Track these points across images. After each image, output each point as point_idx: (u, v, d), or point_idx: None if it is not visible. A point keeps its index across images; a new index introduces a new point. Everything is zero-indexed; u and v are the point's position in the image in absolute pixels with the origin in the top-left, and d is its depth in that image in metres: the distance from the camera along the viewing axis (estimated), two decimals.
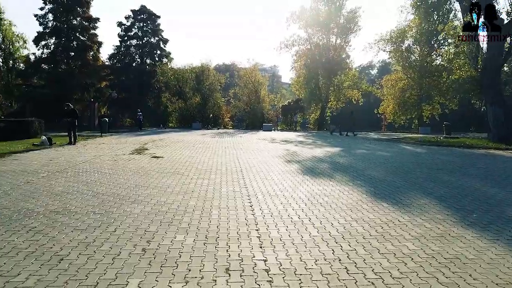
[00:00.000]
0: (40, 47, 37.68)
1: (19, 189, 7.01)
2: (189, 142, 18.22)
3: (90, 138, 20.09)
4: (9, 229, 4.68)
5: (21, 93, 37.73)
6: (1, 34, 37.63)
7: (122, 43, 44.40)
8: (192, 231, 4.73)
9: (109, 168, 9.64)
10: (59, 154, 12.48)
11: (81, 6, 38.47)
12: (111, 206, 5.86)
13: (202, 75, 42.43)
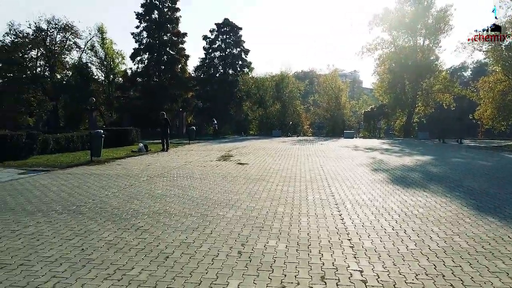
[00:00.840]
0: (136, 62, 41.52)
1: (125, 191, 7.77)
2: (271, 149, 18.52)
3: (179, 145, 21.49)
4: (120, 227, 5.21)
5: (120, 104, 41.84)
6: (104, 52, 42.21)
7: (206, 55, 46.94)
8: (283, 237, 4.81)
9: (200, 174, 10.22)
10: (155, 160, 13.56)
11: (171, 23, 41.60)
12: (205, 210, 6.21)
13: (281, 83, 42.98)
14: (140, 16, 40.97)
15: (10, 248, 4.33)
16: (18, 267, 3.81)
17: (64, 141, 16.05)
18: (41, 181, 8.80)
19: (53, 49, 40.98)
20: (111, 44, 42.47)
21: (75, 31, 40.98)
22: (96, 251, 4.29)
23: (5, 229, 5.05)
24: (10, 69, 39.71)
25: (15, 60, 38.98)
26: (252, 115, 45.14)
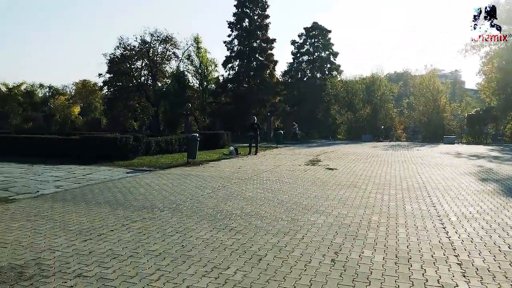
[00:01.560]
0: (227, 69, 43.45)
1: (218, 192, 8.11)
2: (361, 155, 17.82)
3: (267, 149, 21.86)
4: (215, 227, 5.43)
5: (212, 110, 44.14)
6: (199, 60, 44.97)
7: (294, 60, 47.12)
8: (380, 248, 4.54)
9: (289, 178, 10.23)
10: (245, 163, 13.97)
11: (260, 30, 42.69)
12: (295, 214, 6.17)
13: (372, 85, 41.19)
14: (231, 25, 42.82)
15: (121, 241, 4.78)
16: (128, 258, 4.19)
17: (164, 143, 17.41)
18: (145, 180, 9.64)
19: (155, 60, 44.89)
20: (205, 53, 45.07)
21: (174, 42, 44.37)
22: (195, 248, 4.52)
23: (116, 223, 5.61)
24: (119, 79, 44.62)
25: (124, 70, 43.65)
26: (340, 119, 44.02)
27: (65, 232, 5.10)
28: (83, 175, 10.35)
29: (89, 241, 4.74)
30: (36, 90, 58.76)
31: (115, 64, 43.25)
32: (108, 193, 7.91)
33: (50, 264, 3.96)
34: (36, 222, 5.61)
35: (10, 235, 4.94)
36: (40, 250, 4.39)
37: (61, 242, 4.70)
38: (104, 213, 6.16)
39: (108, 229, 5.27)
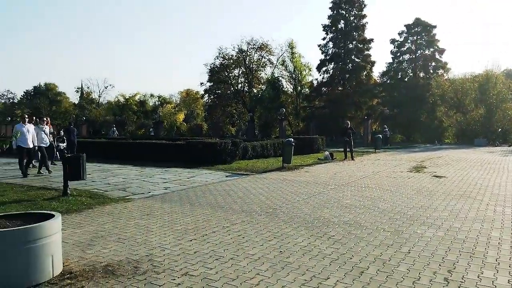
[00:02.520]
0: (321, 72, 43.04)
1: (314, 198, 7.98)
2: (474, 161, 15.99)
3: (364, 154, 20.96)
4: (313, 234, 5.32)
5: (306, 114, 44.03)
6: (293, 65, 45.31)
7: (394, 60, 44.55)
8: (503, 269, 3.96)
9: (389, 185, 9.63)
10: (341, 169, 13.57)
11: (357, 30, 41.37)
12: (399, 225, 5.75)
13: (487, 84, 36.81)
14: (326, 28, 42.31)
15: (222, 242, 4.97)
16: (229, 260, 4.32)
17: (259, 148, 17.86)
18: (243, 184, 9.95)
19: (251, 67, 46.54)
20: (299, 58, 45.25)
21: (269, 49, 45.51)
22: (293, 255, 4.47)
23: (218, 225, 5.86)
24: (218, 87, 47.32)
25: (222, 79, 46.14)
26: (448, 121, 40.24)
27: (173, 231, 5.48)
28: (187, 178, 11.11)
29: (194, 241, 5.02)
30: (148, 99, 65.29)
31: (214, 73, 45.98)
32: (209, 195, 8.35)
33: (161, 261, 4.28)
34: (148, 220, 6.15)
35: (127, 232, 5.48)
36: (152, 247, 4.78)
37: (169, 240, 5.06)
38: (207, 215, 6.50)
39: (211, 230, 5.52)
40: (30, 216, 4.10)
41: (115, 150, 17.85)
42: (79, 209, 6.96)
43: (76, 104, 75.14)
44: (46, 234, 3.64)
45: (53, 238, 3.74)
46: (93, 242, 5.01)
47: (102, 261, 4.29)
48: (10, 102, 76.79)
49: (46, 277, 3.65)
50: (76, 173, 8.09)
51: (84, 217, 6.43)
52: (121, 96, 61.93)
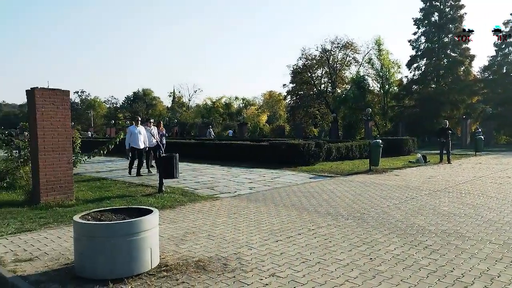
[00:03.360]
0: (412, 69, 40.24)
1: (407, 204, 7.46)
2: None
3: (463, 157, 19.12)
4: (406, 243, 4.96)
5: (394, 114, 41.63)
6: (380, 63, 43.18)
7: (498, 52, 39.95)
8: None
9: (496, 192, 8.62)
10: (436, 173, 12.53)
11: (453, 22, 37.93)
12: (509, 238, 5.08)
13: None
14: (417, 21, 39.52)
15: (308, 245, 4.89)
16: (316, 264, 4.22)
17: (344, 149, 17.33)
18: (327, 186, 9.73)
19: (335, 66, 45.53)
20: (387, 54, 42.95)
21: (354, 47, 44.06)
22: (384, 263, 4.21)
23: (303, 227, 5.78)
24: (301, 88, 47.16)
25: (305, 79, 45.88)
26: None
27: (259, 231, 5.55)
28: (271, 178, 11.21)
29: (279, 242, 5.02)
30: (232, 102, 67.78)
31: (297, 74, 45.94)
32: (293, 197, 8.31)
33: (248, 260, 4.35)
34: (236, 219, 6.32)
35: (216, 229, 5.69)
36: (240, 246, 4.88)
37: (256, 240, 5.13)
38: (292, 216, 6.46)
39: (296, 232, 5.47)
40: (131, 210, 4.47)
41: (203, 150, 18.78)
42: (172, 205, 7.43)
43: (169, 107, 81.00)
44: (146, 228, 3.93)
45: (152, 232, 4.03)
46: (186, 237, 5.29)
47: (194, 256, 4.50)
48: (113, 107, 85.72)
49: (145, 268, 3.94)
50: (170, 172, 8.67)
51: (177, 213, 6.84)
52: (208, 99, 65.25)
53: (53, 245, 5.00)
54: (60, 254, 4.61)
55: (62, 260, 4.42)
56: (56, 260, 4.41)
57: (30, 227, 5.89)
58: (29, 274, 3.99)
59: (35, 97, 7.52)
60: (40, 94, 7.59)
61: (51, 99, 7.73)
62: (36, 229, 5.79)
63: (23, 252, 4.71)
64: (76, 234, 3.91)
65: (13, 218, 6.44)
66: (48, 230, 5.74)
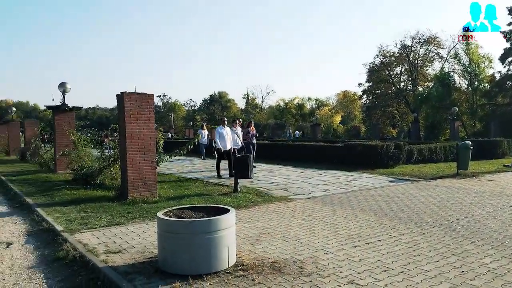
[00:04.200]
0: (506, 64, 36.28)
1: (503, 212, 6.69)
2: None
3: None
4: (504, 256, 4.43)
5: (485, 113, 37.87)
6: (468, 57, 39.61)
7: None
8: None
9: None
10: None
11: None
12: None
13: None
14: None
15: (390, 253, 4.59)
16: (399, 274, 3.94)
17: (427, 151, 16.16)
18: (409, 191, 9.12)
19: (416, 63, 42.82)
20: (476, 48, 39.28)
21: (437, 42, 41.06)
22: (479, 278, 3.79)
23: (383, 233, 5.46)
24: (378, 87, 45.15)
25: (383, 78, 43.82)
26: None
27: (335, 236, 5.36)
28: (347, 181, 10.84)
29: (358, 248, 4.79)
30: (305, 103, 67.27)
31: (374, 72, 44.07)
32: (371, 200, 7.92)
33: (325, 265, 4.21)
34: (311, 222, 6.19)
35: (291, 231, 5.63)
36: (316, 249, 4.76)
37: (332, 244, 4.96)
38: (370, 221, 6.15)
39: (376, 238, 5.19)
40: (210, 209, 4.59)
41: (276, 151, 18.85)
42: (247, 205, 7.53)
43: (243, 109, 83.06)
44: (224, 226, 4.00)
45: (229, 230, 4.09)
46: (261, 237, 5.30)
47: (270, 257, 4.48)
48: (192, 109, 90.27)
49: (223, 266, 4.01)
50: (244, 172, 8.82)
51: (252, 213, 6.91)
52: (281, 100, 65.56)
53: (139, 239, 5.35)
54: (145, 248, 4.91)
55: (147, 253, 4.69)
56: (142, 254, 4.69)
57: (119, 221, 6.37)
58: (118, 265, 4.30)
59: (124, 101, 8.15)
60: (128, 98, 8.20)
61: (138, 102, 8.32)
62: (124, 223, 6.25)
63: (113, 244, 5.09)
64: (159, 229, 4.11)
65: (105, 212, 7.03)
66: (135, 224, 6.16)
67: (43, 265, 4.71)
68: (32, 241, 5.76)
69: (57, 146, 13.92)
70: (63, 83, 14.43)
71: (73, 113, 14.63)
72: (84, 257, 4.62)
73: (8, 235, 6.09)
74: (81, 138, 12.45)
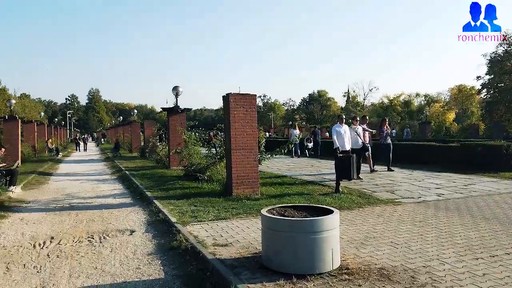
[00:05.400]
0: None
1: None
2: None
3: None
4: None
5: None
6: None
7: None
8: None
9: None
10: None
11: None
12: None
13: None
14: None
15: None
16: None
17: None
18: None
19: None
20: None
21: None
22: None
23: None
24: (501, 79, 39.68)
25: (507, 69, 38.39)
26: None
27: (453, 245, 4.83)
28: (464, 185, 9.73)
29: (480, 261, 4.24)
30: (413, 99, 62.68)
31: (496, 63, 38.92)
32: (496, 208, 6.97)
33: (441, 276, 3.81)
34: (422, 228, 5.68)
35: (400, 237, 5.23)
36: (429, 259, 4.34)
37: (449, 254, 4.47)
38: (495, 231, 5.41)
39: (503, 251, 4.53)
40: (312, 209, 4.52)
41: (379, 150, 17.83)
42: (350, 207, 7.25)
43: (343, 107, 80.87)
44: (328, 227, 3.90)
45: (333, 232, 3.97)
46: (366, 242, 5.04)
47: (377, 263, 4.23)
48: (291, 109, 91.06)
49: (326, 268, 3.90)
50: (347, 172, 8.52)
51: (355, 215, 6.64)
52: (385, 97, 62.19)
53: (243, 234, 5.53)
54: (249, 243, 5.05)
55: (251, 249, 4.82)
56: (246, 249, 4.84)
57: (224, 215, 6.68)
58: (225, 258, 4.49)
59: (229, 101, 8.54)
60: (233, 99, 8.58)
61: (241, 103, 8.65)
62: (230, 218, 6.53)
63: (220, 238, 5.36)
64: (264, 226, 4.18)
65: (212, 206, 7.45)
66: (239, 220, 6.39)
67: (160, 253, 5.17)
68: (150, 230, 6.38)
69: (170, 144, 15.28)
70: (176, 86, 15.78)
71: (184, 114, 15.90)
72: (195, 248, 4.94)
73: (131, 224, 6.85)
74: (191, 137, 13.44)
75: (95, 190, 11.08)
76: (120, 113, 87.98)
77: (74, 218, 7.36)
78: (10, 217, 7.51)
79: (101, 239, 5.86)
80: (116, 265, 4.75)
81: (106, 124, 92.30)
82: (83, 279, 4.35)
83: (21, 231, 6.44)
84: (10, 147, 15.47)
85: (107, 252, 5.26)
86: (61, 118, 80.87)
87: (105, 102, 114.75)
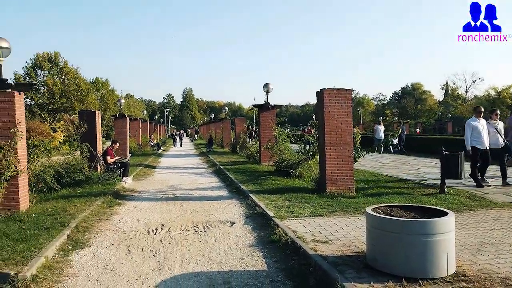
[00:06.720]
0: None
1: None
2: None
3: None
4: None
5: None
6: None
7: None
8: None
9: None
10: None
11: None
12: None
13: None
14: None
15: None
16: None
17: None
18: None
19: None
20: None
21: None
22: None
23: None
24: None
25: None
26: None
27: None
28: None
29: None
30: None
31: None
32: None
33: None
34: None
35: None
36: None
37: None
38: None
39: None
40: (421, 209, 4.24)
41: None
42: (459, 209, 6.66)
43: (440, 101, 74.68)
44: (442, 230, 3.63)
45: (448, 235, 3.68)
46: (483, 247, 4.58)
47: (499, 271, 3.82)
48: (381, 103, 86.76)
49: (441, 274, 3.63)
50: (454, 171, 7.84)
51: (466, 218, 6.08)
52: (492, 89, 55.88)
53: (343, 232, 5.42)
54: (350, 242, 4.94)
55: (353, 247, 4.70)
56: (348, 247, 4.74)
57: (321, 212, 6.63)
58: (327, 255, 4.45)
59: (324, 97, 8.43)
60: (328, 94, 8.45)
61: (336, 98, 8.47)
62: (326, 215, 6.46)
63: (319, 234, 5.33)
64: (369, 225, 4.04)
65: (307, 202, 7.44)
66: (336, 217, 6.29)
67: (260, 245, 5.33)
68: (249, 222, 6.61)
69: (261, 140, 15.63)
70: (267, 84, 16.07)
71: (274, 110, 16.12)
72: (295, 243, 4.99)
73: (231, 215, 7.17)
74: (282, 133, 13.56)
75: (194, 182, 11.83)
76: (210, 110, 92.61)
77: (179, 207, 7.95)
78: (125, 205, 8.40)
79: (205, 229, 6.24)
80: (221, 254, 5.02)
81: (198, 120, 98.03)
82: (193, 264, 4.67)
83: (136, 217, 7.16)
84: (120, 142, 17.29)
85: (212, 241, 5.58)
86: (159, 116, 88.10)
87: (197, 100, 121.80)
